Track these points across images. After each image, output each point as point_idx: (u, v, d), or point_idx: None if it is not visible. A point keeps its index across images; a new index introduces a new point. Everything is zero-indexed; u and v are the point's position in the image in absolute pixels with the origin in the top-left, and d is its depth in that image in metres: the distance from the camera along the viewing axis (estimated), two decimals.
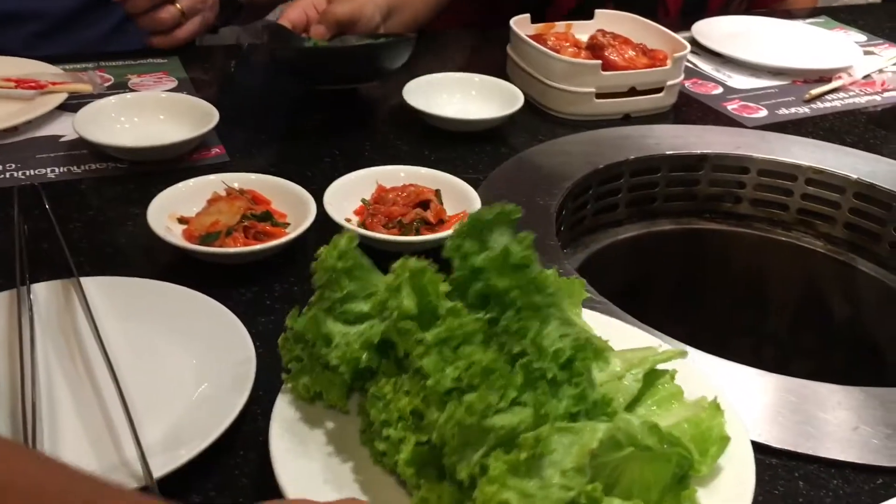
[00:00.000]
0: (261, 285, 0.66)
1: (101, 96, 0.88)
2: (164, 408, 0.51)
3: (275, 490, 0.44)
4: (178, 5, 1.01)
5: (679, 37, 1.03)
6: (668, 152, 0.92)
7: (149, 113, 0.86)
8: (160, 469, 0.45)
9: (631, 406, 0.48)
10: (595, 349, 0.44)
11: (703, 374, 0.53)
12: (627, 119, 1.00)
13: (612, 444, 0.41)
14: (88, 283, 0.59)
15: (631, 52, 1.00)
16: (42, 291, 0.58)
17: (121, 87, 0.98)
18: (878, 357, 0.90)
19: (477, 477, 0.39)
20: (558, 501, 0.38)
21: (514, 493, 0.38)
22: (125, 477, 0.46)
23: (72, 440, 0.49)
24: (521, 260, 0.45)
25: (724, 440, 0.46)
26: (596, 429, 0.40)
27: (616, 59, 0.99)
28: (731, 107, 1.05)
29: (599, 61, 0.97)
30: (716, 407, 0.48)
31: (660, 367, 0.51)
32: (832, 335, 0.93)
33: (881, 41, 1.31)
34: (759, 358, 1.00)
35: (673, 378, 0.51)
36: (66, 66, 1.00)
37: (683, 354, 0.51)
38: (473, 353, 0.42)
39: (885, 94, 1.11)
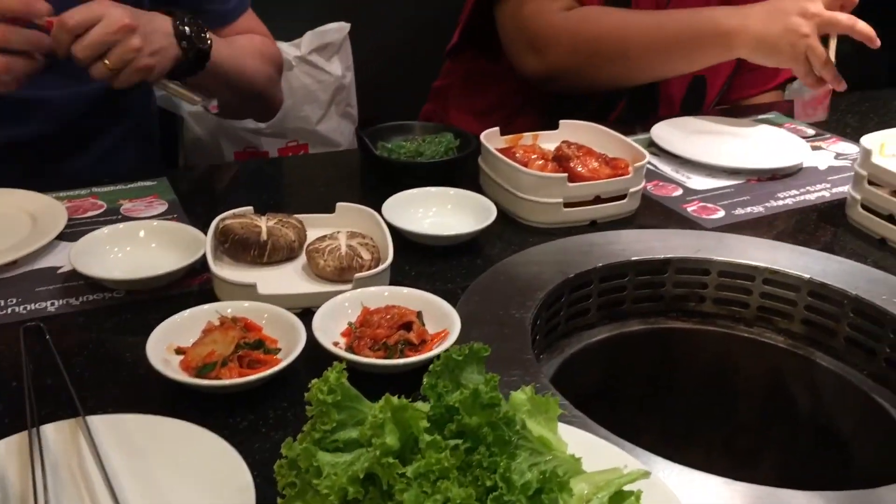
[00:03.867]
0: (256, 413, 0.70)
1: (94, 226, 0.93)
2: None
3: None
4: (105, 62, 1.02)
5: (638, 146, 1.10)
6: (633, 258, 0.98)
7: (141, 241, 0.91)
8: None
9: None
10: (560, 482, 0.49)
11: (668, 493, 0.58)
12: (594, 225, 1.06)
13: None
14: (94, 421, 0.64)
15: (594, 164, 1.07)
16: (51, 433, 0.62)
17: (113, 212, 1.03)
18: (842, 444, 0.94)
19: None
20: None
21: None
22: None
23: None
24: (489, 400, 0.50)
25: None
26: None
27: (581, 170, 1.06)
28: (691, 208, 1.12)
29: (566, 174, 1.03)
30: None
31: (627, 488, 0.55)
32: (798, 425, 0.98)
33: (828, 135, 1.39)
34: (730, 449, 1.04)
35: (638, 499, 0.55)
36: (62, 195, 1.05)
37: (647, 475, 0.56)
38: (449, 487, 0.47)
39: (834, 190, 1.19)
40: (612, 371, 1.00)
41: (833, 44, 1.25)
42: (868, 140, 1.08)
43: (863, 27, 1.22)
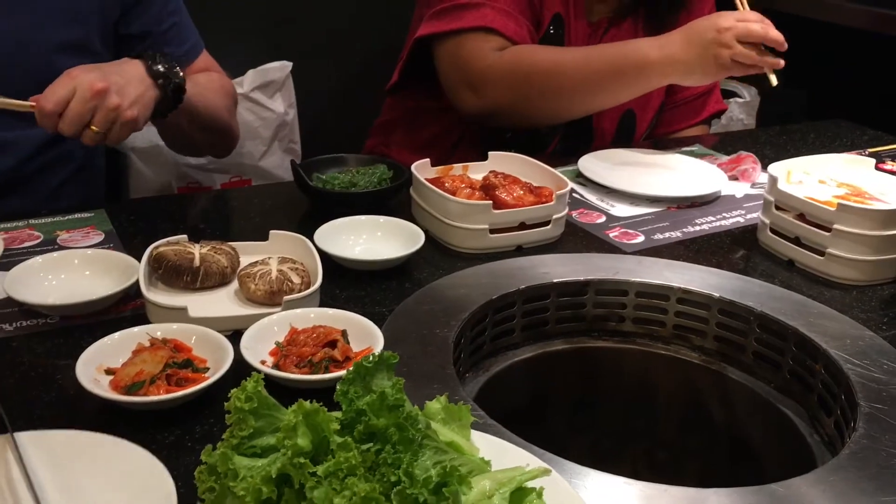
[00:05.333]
0: (183, 428, 0.73)
1: (30, 256, 0.95)
2: None
3: None
4: (92, 128, 1.06)
5: (561, 174, 1.16)
6: (555, 280, 1.02)
7: (75, 269, 0.94)
8: None
9: None
10: (460, 476, 0.52)
11: (568, 491, 0.62)
12: (520, 250, 1.11)
13: None
14: (23, 437, 0.66)
15: (519, 191, 1.12)
16: None
17: (50, 243, 1.05)
18: (753, 452, 0.99)
19: None
20: None
21: None
22: None
23: None
24: (394, 401, 0.53)
25: None
26: None
27: (506, 197, 1.11)
28: (613, 234, 1.18)
29: (490, 202, 1.08)
30: None
31: (530, 485, 0.59)
32: (713, 436, 1.03)
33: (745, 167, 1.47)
34: (653, 461, 1.09)
35: (540, 495, 0.59)
36: None
37: (547, 472, 0.60)
38: (355, 483, 0.50)
39: (748, 216, 1.25)
40: (538, 389, 1.04)
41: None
42: (775, 168, 1.15)
43: (775, 34, 1.31)
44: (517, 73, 1.38)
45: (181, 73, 1.18)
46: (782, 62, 1.32)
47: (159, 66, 1.14)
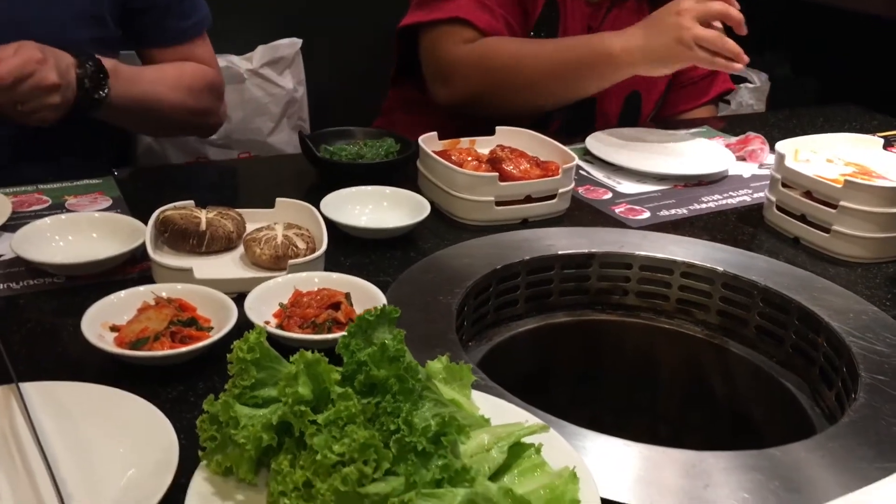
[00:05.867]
0: (186, 384, 0.73)
1: (36, 217, 0.96)
2: (95, 494, 0.58)
3: None
4: (19, 107, 1.08)
5: (568, 149, 1.16)
6: (560, 252, 1.03)
7: (82, 231, 0.94)
8: None
9: (497, 475, 0.56)
10: (459, 425, 0.53)
11: (566, 448, 0.62)
12: (526, 223, 1.11)
13: None
14: (27, 388, 0.66)
15: (526, 164, 1.12)
16: None
17: (58, 207, 1.06)
18: (755, 426, 1.00)
19: None
20: None
21: None
22: None
23: None
24: (395, 353, 0.54)
25: (575, 503, 0.55)
26: (456, 493, 0.49)
27: (512, 170, 1.11)
28: (619, 210, 1.18)
29: (497, 173, 1.08)
30: (572, 475, 0.57)
31: (528, 440, 0.60)
32: (715, 410, 1.03)
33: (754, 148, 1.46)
34: (654, 434, 1.09)
35: (538, 451, 0.59)
36: (8, 190, 1.08)
37: (546, 429, 0.60)
38: (355, 431, 0.50)
39: (755, 195, 1.25)
40: (540, 361, 1.05)
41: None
42: (783, 146, 1.15)
43: (735, 13, 1.28)
44: (482, 66, 1.39)
45: (104, 92, 1.18)
46: (745, 58, 1.28)
47: (86, 81, 1.15)
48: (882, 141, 1.22)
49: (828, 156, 1.18)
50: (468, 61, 1.39)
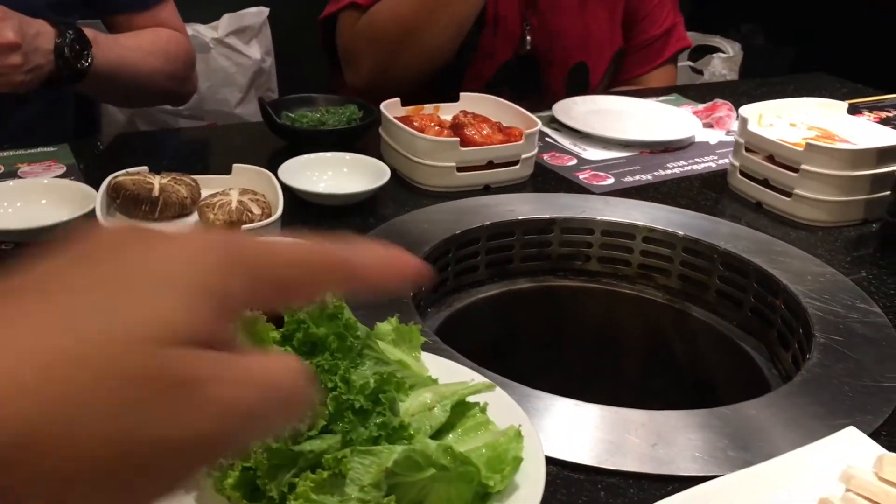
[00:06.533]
0: None
1: None
2: None
3: None
4: None
5: (532, 115, 1.15)
6: (521, 217, 1.02)
7: (32, 198, 0.92)
8: None
9: (440, 434, 0.56)
10: (398, 383, 0.52)
11: (512, 406, 0.61)
12: (488, 189, 1.10)
13: (409, 463, 0.48)
14: None
15: (488, 130, 1.11)
16: None
17: (10, 175, 1.04)
18: (715, 390, 1.00)
19: (287, 494, 0.46)
20: None
21: None
22: None
23: None
24: (334, 310, 0.53)
25: (518, 461, 0.54)
26: (393, 450, 0.48)
27: (474, 135, 1.10)
28: (583, 176, 1.17)
29: (458, 139, 1.07)
30: (517, 433, 0.56)
31: (473, 400, 0.59)
32: (677, 374, 1.03)
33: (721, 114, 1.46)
34: (617, 400, 1.09)
35: (484, 410, 0.59)
36: None
37: (491, 387, 0.60)
38: None
39: (720, 161, 1.25)
40: (502, 327, 1.04)
41: None
42: (746, 110, 1.14)
43: None
44: (368, 35, 1.39)
45: (87, 62, 1.15)
46: None
47: (66, 49, 1.12)
48: (846, 105, 1.21)
49: (791, 120, 1.17)
50: (358, 37, 1.40)
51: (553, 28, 1.53)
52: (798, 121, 1.17)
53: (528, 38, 1.51)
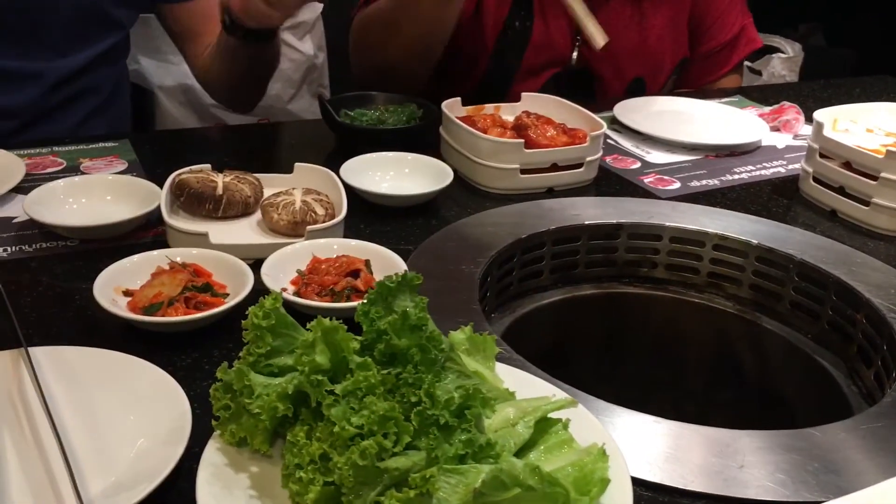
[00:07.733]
0: (200, 352, 0.71)
1: (50, 179, 0.94)
2: (105, 462, 0.56)
3: None
4: None
5: (597, 117, 1.12)
6: (587, 222, 0.99)
7: (96, 194, 0.92)
8: None
9: (523, 451, 0.53)
10: (483, 398, 0.50)
11: (594, 424, 0.59)
12: (551, 192, 1.08)
13: (496, 483, 0.46)
14: (36, 352, 0.64)
15: (552, 132, 1.09)
16: None
17: (73, 170, 1.04)
18: (787, 405, 0.96)
19: None
20: None
21: None
22: None
23: (18, 497, 0.54)
24: (417, 321, 0.51)
25: (605, 482, 0.52)
26: (480, 470, 0.46)
27: (538, 137, 1.07)
28: (648, 180, 1.14)
29: (522, 140, 1.05)
30: (601, 452, 0.54)
31: (555, 416, 0.57)
32: (744, 388, 1.00)
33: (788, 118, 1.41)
34: (680, 412, 1.06)
35: (566, 426, 0.56)
36: (23, 152, 1.06)
37: (574, 404, 0.57)
38: (374, 402, 0.48)
39: (790, 167, 1.21)
40: (565, 333, 1.02)
41: None
42: (821, 114, 1.10)
43: None
44: (356, 33, 1.39)
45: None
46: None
47: None
48: None
49: (867, 125, 1.13)
50: (352, 33, 1.40)
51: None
52: (875, 126, 1.13)
53: (574, 54, 1.46)
